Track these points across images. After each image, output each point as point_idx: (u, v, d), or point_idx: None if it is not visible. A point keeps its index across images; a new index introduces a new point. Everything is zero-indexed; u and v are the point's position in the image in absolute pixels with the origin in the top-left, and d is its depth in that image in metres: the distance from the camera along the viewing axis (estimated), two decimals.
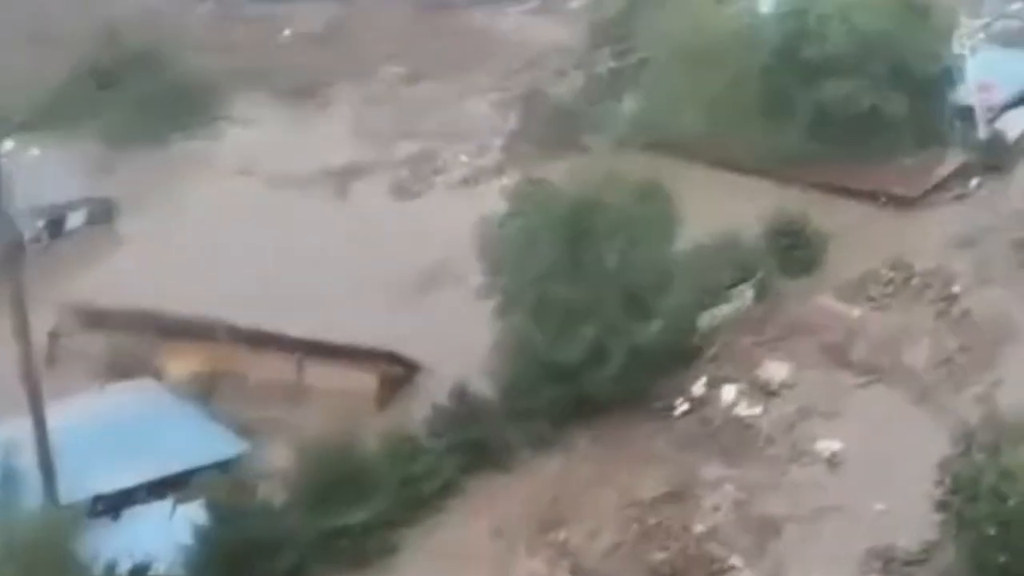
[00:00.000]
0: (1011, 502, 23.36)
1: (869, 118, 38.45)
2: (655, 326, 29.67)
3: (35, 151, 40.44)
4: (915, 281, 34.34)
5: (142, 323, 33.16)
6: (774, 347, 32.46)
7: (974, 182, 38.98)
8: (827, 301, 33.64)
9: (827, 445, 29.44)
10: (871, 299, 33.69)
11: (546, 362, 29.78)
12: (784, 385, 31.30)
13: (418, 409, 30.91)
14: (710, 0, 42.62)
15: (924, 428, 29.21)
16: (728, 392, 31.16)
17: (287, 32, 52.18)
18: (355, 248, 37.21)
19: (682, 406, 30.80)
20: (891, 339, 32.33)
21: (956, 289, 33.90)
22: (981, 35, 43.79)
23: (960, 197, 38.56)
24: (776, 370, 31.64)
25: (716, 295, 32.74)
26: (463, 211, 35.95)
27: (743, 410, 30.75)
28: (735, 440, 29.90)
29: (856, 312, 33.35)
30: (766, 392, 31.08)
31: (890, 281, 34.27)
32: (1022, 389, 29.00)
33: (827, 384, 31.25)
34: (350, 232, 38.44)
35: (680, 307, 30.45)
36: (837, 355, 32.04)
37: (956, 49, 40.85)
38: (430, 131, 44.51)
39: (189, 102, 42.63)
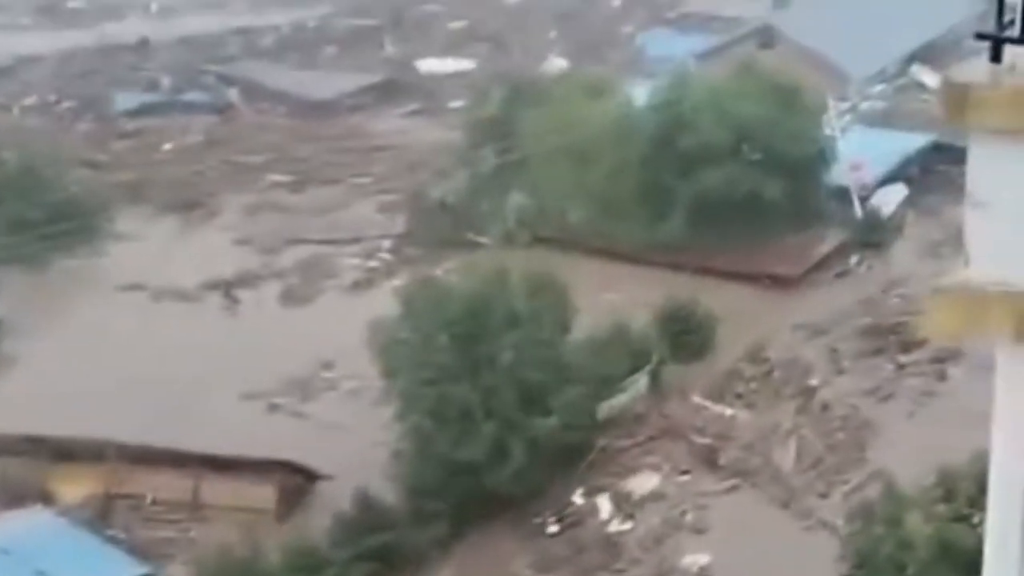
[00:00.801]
0: (910, 571, 23.67)
1: (748, 202, 39.31)
2: (553, 421, 29.73)
3: None
4: (776, 374, 34.34)
5: (30, 447, 32.33)
6: (648, 449, 32.19)
7: (854, 259, 40.01)
8: (700, 399, 33.52)
9: (694, 560, 28.92)
10: (739, 396, 33.67)
11: (447, 462, 29.64)
12: (653, 495, 30.78)
13: (319, 519, 30.48)
14: (586, 96, 43.50)
15: (792, 532, 29.04)
16: (600, 504, 30.71)
17: (167, 146, 51.97)
18: (246, 358, 36.78)
19: (554, 524, 30.38)
20: (759, 439, 32.11)
21: (814, 382, 33.90)
22: (848, 116, 45.22)
23: (841, 275, 39.51)
24: (646, 480, 31.22)
25: (611, 386, 32.92)
26: (355, 315, 35.83)
27: (614, 525, 30.21)
28: (600, 560, 29.40)
29: (728, 411, 33.26)
30: (635, 504, 30.57)
31: (753, 377, 34.26)
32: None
33: (696, 491, 30.84)
34: (240, 342, 38.05)
35: (577, 400, 30.58)
36: (707, 458, 31.79)
37: (827, 131, 42.10)
38: (318, 237, 44.47)
39: (70, 220, 42.05)
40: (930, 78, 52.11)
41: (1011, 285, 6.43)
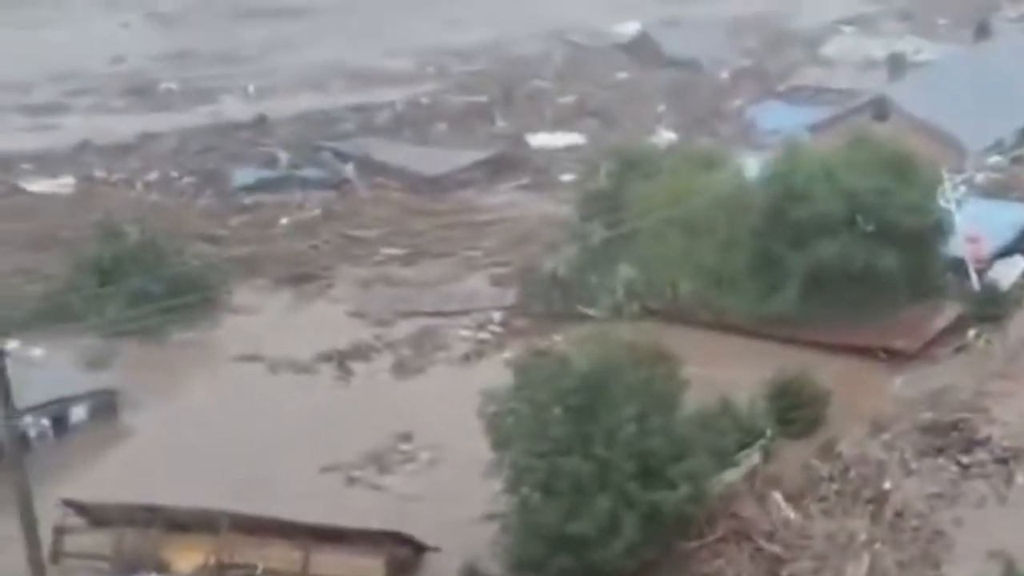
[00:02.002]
0: None
1: (862, 275, 38.87)
2: (678, 495, 29.37)
3: (38, 350, 40.69)
4: (852, 474, 32.82)
5: (146, 517, 32.85)
6: (715, 551, 30.72)
7: (972, 333, 39.26)
8: (777, 499, 32.14)
9: None
10: (822, 499, 32.22)
11: (557, 536, 29.47)
12: None
13: None
14: (696, 168, 43.55)
15: None
16: None
17: (284, 220, 53.09)
18: (358, 429, 37.14)
19: None
20: (832, 549, 30.22)
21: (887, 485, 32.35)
22: (964, 188, 44.67)
23: (960, 349, 38.78)
24: None
25: (723, 460, 32.57)
26: (466, 386, 36.06)
27: None
28: None
29: (799, 516, 31.59)
30: None
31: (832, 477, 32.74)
32: None
33: None
34: (353, 413, 38.44)
35: (694, 474, 30.26)
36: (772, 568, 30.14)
37: (942, 202, 41.59)
38: (429, 309, 44.89)
39: (189, 293, 43.05)
40: None
41: None
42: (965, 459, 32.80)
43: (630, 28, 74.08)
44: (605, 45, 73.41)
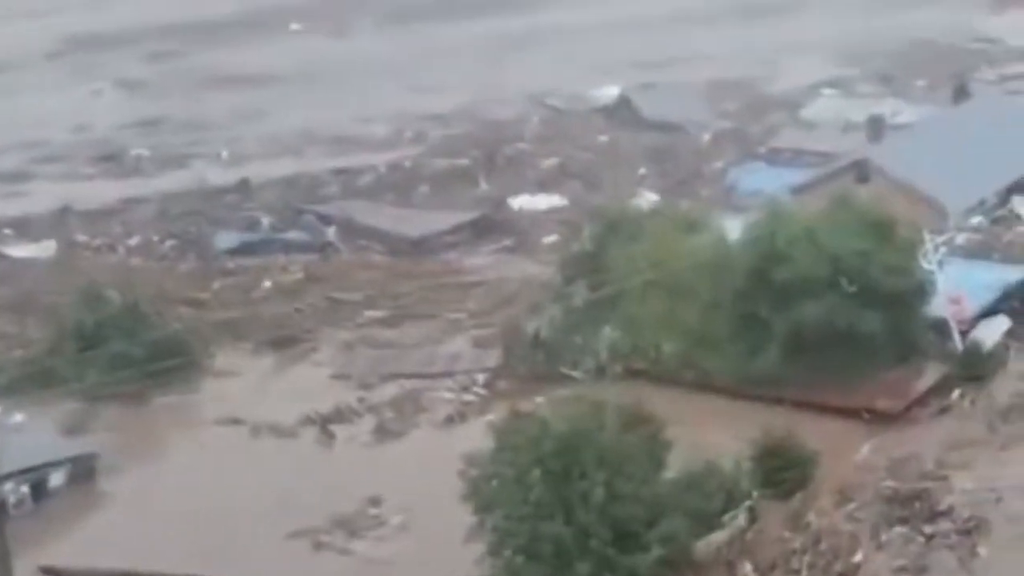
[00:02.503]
0: None
1: (845, 336, 38.88)
2: (651, 557, 29.24)
3: (19, 416, 40.41)
4: (823, 546, 32.35)
5: None
6: None
7: (956, 394, 39.24)
8: (747, 571, 31.94)
9: None
10: (793, 572, 31.92)
11: None
12: None
13: None
14: (679, 229, 43.67)
15: None
16: None
17: (267, 284, 52.96)
18: (334, 493, 36.89)
19: None
20: None
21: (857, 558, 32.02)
22: (945, 249, 44.85)
23: (944, 410, 38.74)
24: None
25: (709, 522, 32.36)
26: (448, 449, 35.88)
27: None
28: None
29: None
30: None
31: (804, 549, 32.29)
32: None
33: None
34: (331, 477, 38.16)
35: (674, 537, 30.08)
36: None
37: (924, 264, 41.72)
38: (412, 371, 44.70)
39: (171, 357, 42.89)
40: None
41: None
42: (928, 529, 32.58)
43: (608, 92, 74.65)
44: (584, 109, 73.89)
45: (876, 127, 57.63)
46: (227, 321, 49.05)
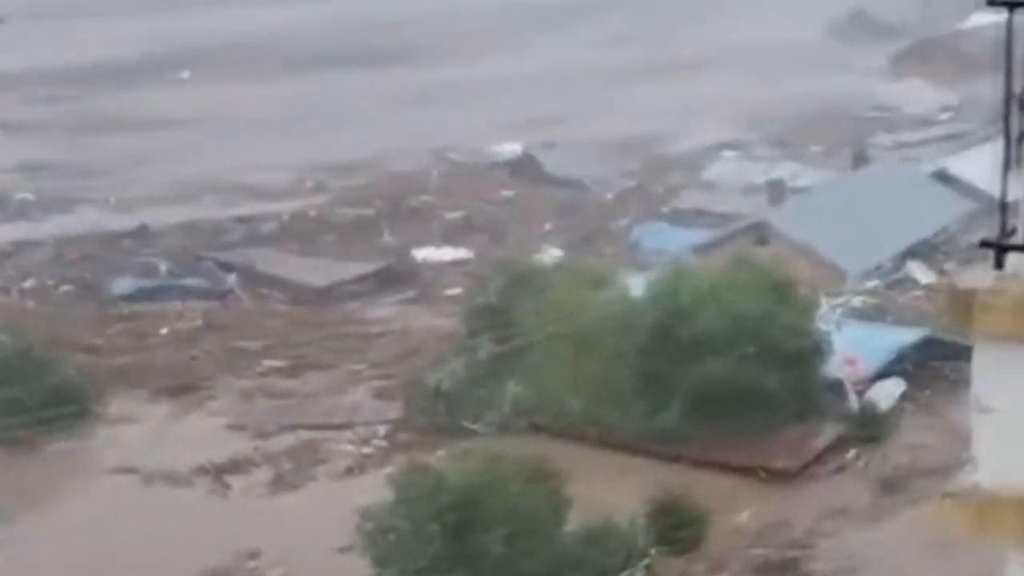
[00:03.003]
0: None
1: (745, 394, 39.28)
2: None
3: None
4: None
5: None
6: None
7: (851, 454, 39.79)
8: None
9: None
10: None
11: None
12: None
13: None
14: (584, 286, 43.89)
15: None
16: None
17: (163, 330, 52.15)
18: (219, 545, 36.27)
19: None
20: None
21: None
22: (841, 311, 45.60)
23: (838, 470, 39.25)
24: None
25: None
26: (346, 502, 35.50)
27: None
28: None
29: None
30: None
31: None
32: None
33: None
34: (222, 529, 37.56)
35: None
36: None
37: (820, 325, 42.37)
38: (312, 422, 44.24)
39: (65, 403, 42.01)
40: (923, 275, 52.80)
41: (1019, 490, 6.38)
42: None
43: (509, 148, 75.23)
44: (486, 163, 74.23)
45: (777, 190, 58.67)
46: (122, 367, 48.16)
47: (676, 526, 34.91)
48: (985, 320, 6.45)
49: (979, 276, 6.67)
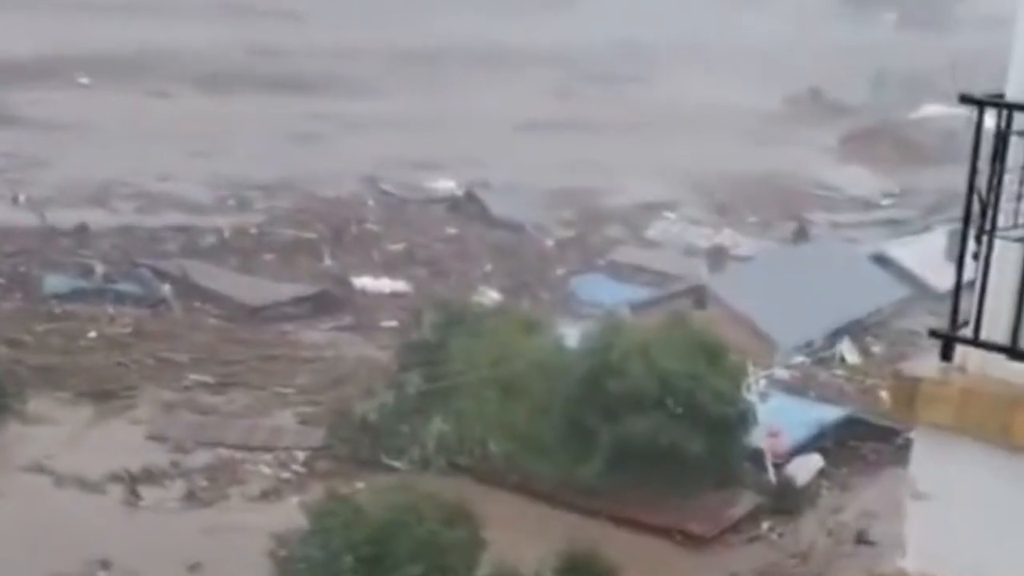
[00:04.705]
0: None
1: (667, 455, 39.43)
2: None
3: None
4: None
5: None
6: None
7: (766, 525, 40.07)
8: None
9: None
10: None
11: None
12: None
13: None
14: (518, 331, 43.97)
15: None
16: None
17: (92, 333, 51.54)
18: (127, 557, 35.77)
19: None
20: None
21: None
22: (766, 383, 46.03)
23: (752, 539, 39.49)
24: None
25: None
26: (259, 524, 35.22)
27: None
28: None
29: None
30: None
31: None
32: None
33: None
34: (131, 539, 37.03)
35: None
36: None
37: (746, 394, 42.71)
38: (232, 441, 43.87)
39: None
40: (851, 355, 53.47)
41: None
42: None
43: (443, 185, 75.46)
44: (422, 198, 74.28)
45: (718, 256, 59.24)
46: (47, 366, 47.55)
47: None
48: (928, 410, 6.56)
49: (925, 365, 6.79)
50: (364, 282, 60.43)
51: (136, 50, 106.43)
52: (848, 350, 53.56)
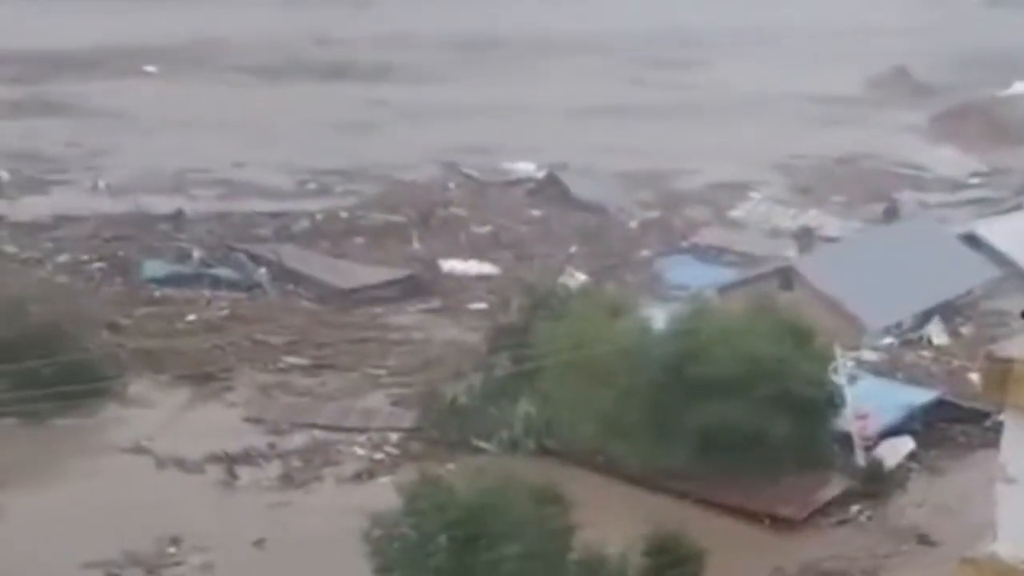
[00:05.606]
0: None
1: (755, 439, 39.55)
2: None
3: None
4: None
5: None
6: None
7: (855, 508, 40.05)
8: None
9: None
10: None
11: None
12: None
13: None
14: (605, 313, 44.23)
15: None
16: None
17: (191, 317, 52.76)
18: (230, 536, 36.80)
19: None
20: None
21: None
22: (855, 365, 45.81)
23: (841, 523, 39.49)
24: None
25: None
26: (350, 505, 35.95)
27: None
28: None
29: None
30: None
31: None
32: None
33: None
34: (229, 519, 38.01)
35: None
36: None
37: (834, 377, 42.62)
38: (326, 422, 44.70)
39: (84, 380, 42.51)
40: (940, 336, 53.02)
41: None
42: None
43: (522, 167, 75.72)
44: (503, 181, 74.65)
45: (806, 237, 58.89)
46: (146, 350, 48.81)
47: (672, 563, 35.08)
48: (1020, 392, 6.75)
49: (1017, 347, 6.97)
50: (452, 265, 61.10)
51: (200, 39, 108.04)
52: (936, 331, 53.13)
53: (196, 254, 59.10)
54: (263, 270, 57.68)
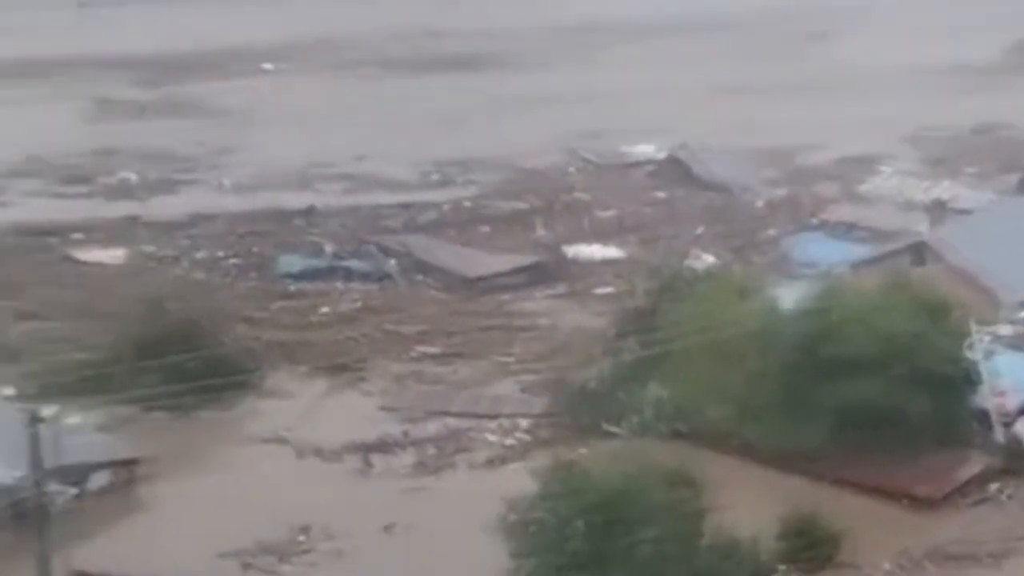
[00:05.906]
0: None
1: (891, 417, 39.10)
2: None
3: (75, 418, 41.25)
4: None
5: None
6: None
7: (994, 487, 39.40)
8: None
9: None
10: None
11: None
12: None
13: None
14: (733, 295, 44.06)
15: None
16: None
17: (324, 309, 53.86)
18: (363, 523, 37.45)
19: None
20: None
21: None
22: (988, 339, 44.92)
23: (980, 501, 38.89)
24: None
25: None
26: (482, 491, 36.43)
27: None
28: None
29: None
30: None
31: None
32: None
33: None
34: (364, 506, 38.79)
35: None
36: None
37: (968, 353, 41.87)
38: (459, 410, 45.28)
39: (223, 373, 43.70)
40: None
41: None
42: None
43: (641, 150, 75.37)
44: (624, 163, 74.43)
45: (939, 210, 57.80)
46: (282, 343, 49.96)
47: (807, 546, 34.99)
48: None
49: None
50: (577, 250, 61.30)
51: (312, 36, 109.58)
52: None
53: (328, 248, 60.23)
54: (393, 261, 58.59)
